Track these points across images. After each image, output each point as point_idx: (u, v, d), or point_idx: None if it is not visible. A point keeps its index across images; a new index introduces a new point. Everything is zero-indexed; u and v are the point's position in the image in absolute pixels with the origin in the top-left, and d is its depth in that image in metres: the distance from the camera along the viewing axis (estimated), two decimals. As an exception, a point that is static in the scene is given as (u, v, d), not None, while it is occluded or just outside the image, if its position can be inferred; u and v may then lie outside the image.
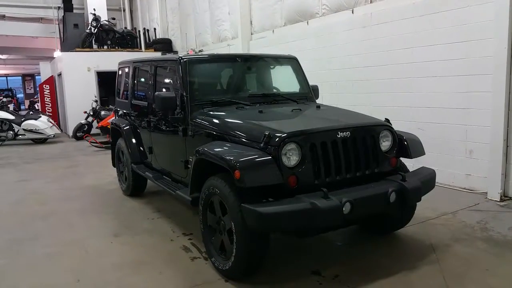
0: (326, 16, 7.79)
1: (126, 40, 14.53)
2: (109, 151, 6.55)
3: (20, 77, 34.57)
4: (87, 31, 13.81)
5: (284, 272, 3.40)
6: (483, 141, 5.23)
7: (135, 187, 5.70)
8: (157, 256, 3.80)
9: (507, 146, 4.99)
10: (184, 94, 4.11)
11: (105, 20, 14.21)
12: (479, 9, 5.12)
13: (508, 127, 4.95)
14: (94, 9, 13.92)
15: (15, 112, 14.16)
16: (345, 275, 3.31)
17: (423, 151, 3.80)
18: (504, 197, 5.03)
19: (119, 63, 6.21)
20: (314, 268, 3.43)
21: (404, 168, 3.78)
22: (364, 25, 6.75)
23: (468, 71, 5.33)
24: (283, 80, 5.00)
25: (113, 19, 14.97)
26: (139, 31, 16.26)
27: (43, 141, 12.11)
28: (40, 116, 12.27)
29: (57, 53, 14.75)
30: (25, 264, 3.78)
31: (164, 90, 4.70)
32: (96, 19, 13.61)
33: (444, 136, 5.72)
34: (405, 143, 3.65)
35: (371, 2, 6.83)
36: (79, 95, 12.61)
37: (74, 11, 15.97)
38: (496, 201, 4.98)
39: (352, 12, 7.13)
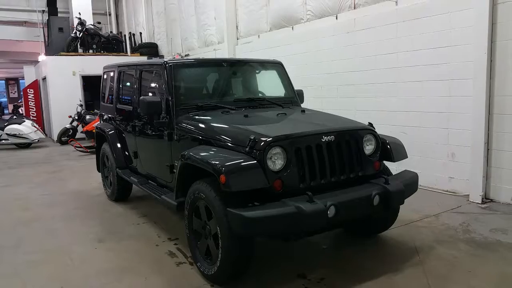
0: (310, 21, 7.86)
1: (111, 44, 14.43)
2: (94, 156, 6.49)
3: (3, 81, 34.00)
4: (72, 35, 13.67)
5: (270, 276, 3.41)
6: (464, 144, 5.34)
7: (120, 192, 5.65)
8: (143, 262, 3.78)
9: (488, 149, 5.10)
10: (170, 98, 4.10)
11: (91, 24, 14.10)
12: (460, 15, 5.24)
13: (488, 130, 5.06)
14: (79, 13, 13.80)
15: (-2, 116, 13.92)
16: (330, 278, 3.33)
17: (405, 154, 3.86)
18: (485, 199, 5.13)
19: (104, 67, 6.17)
20: (299, 272, 3.44)
21: (387, 171, 3.84)
22: (348, 30, 6.84)
23: (450, 75, 5.44)
24: (268, 84, 5.03)
25: (99, 23, 14.87)
26: (125, 35, 16.18)
27: (27, 145, 11.92)
28: (24, 121, 12.08)
29: (42, 57, 14.57)
30: (6, 272, 3.71)
31: (149, 94, 4.69)
32: (82, 23, 13.49)
33: (427, 140, 5.81)
34: (388, 146, 3.71)
35: (354, 8, 6.92)
36: (64, 99, 12.45)
37: (59, 15, 15.83)
38: (478, 203, 5.08)
39: (336, 18, 7.22)
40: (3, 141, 11.65)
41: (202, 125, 3.80)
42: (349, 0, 7.01)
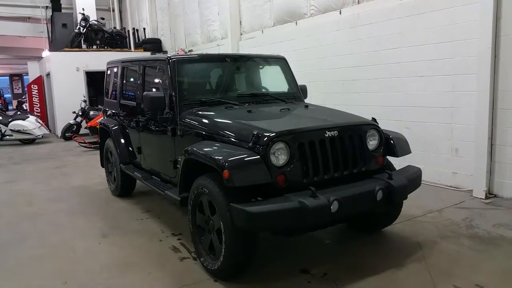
0: (314, 16, 7.83)
1: (115, 40, 14.44)
2: (98, 152, 6.51)
3: (7, 77, 34.09)
4: (76, 30, 13.70)
5: (273, 271, 3.42)
6: (468, 140, 5.32)
7: (123, 188, 5.67)
8: (146, 257, 3.80)
9: (492, 145, 5.08)
10: (173, 94, 4.11)
11: (94, 20, 14.11)
12: (465, 10, 5.20)
13: (492, 125, 5.04)
14: (83, 8, 13.83)
15: (2, 112, 13.98)
16: (333, 273, 3.34)
17: (409, 149, 3.85)
18: (489, 194, 5.12)
19: (108, 63, 6.18)
20: (302, 267, 3.45)
21: (390, 166, 3.82)
22: (352, 25, 6.80)
23: (454, 71, 5.41)
24: (272, 80, 5.02)
25: (102, 19, 14.86)
26: (128, 31, 16.18)
27: (31, 141, 11.98)
28: (28, 116, 12.13)
29: (46, 53, 14.60)
30: (11, 266, 3.74)
31: (153, 90, 4.69)
32: (85, 18, 13.50)
33: (430, 135, 5.79)
34: (392, 142, 3.70)
35: (358, 3, 6.89)
36: (68, 95, 12.50)
37: (63, 10, 15.84)
38: (481, 198, 5.07)
39: (340, 13, 7.19)
40: (7, 136, 11.71)
41: (205, 121, 3.81)
42: (352, -6, 6.98)
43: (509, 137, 4.93)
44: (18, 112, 14.50)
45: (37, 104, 15.24)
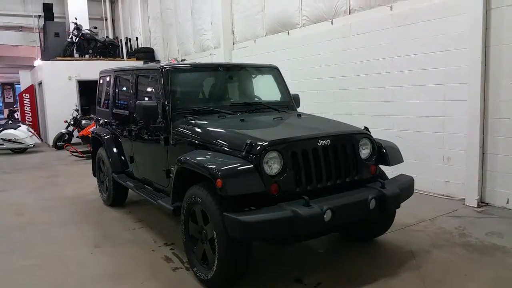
0: (306, 26, 7.90)
1: (108, 49, 14.45)
2: (90, 161, 6.47)
3: (-2, 86, 33.88)
4: (69, 40, 13.68)
5: (266, 281, 3.40)
6: (460, 149, 5.36)
7: (116, 197, 5.63)
8: (138, 267, 3.76)
9: (483, 153, 5.12)
10: (166, 103, 4.10)
11: (87, 29, 14.12)
12: (455, 20, 5.28)
13: (483, 134, 5.09)
14: (75, 18, 13.82)
15: (-7, 121, 13.85)
16: (327, 283, 3.33)
17: (401, 158, 3.87)
18: (481, 203, 5.15)
19: (100, 72, 6.17)
20: (296, 276, 3.44)
21: (383, 175, 3.84)
22: (344, 35, 6.87)
23: (445, 80, 5.47)
24: (264, 89, 5.04)
25: (95, 28, 14.87)
26: (121, 40, 16.19)
27: (22, 150, 11.86)
28: (20, 126, 12.03)
29: (38, 62, 14.57)
30: (1, 277, 3.68)
31: (145, 99, 4.69)
32: (78, 28, 13.51)
33: (422, 144, 5.84)
34: (384, 150, 3.72)
35: (349, 13, 6.96)
36: (60, 104, 12.42)
37: (55, 19, 15.81)
38: (474, 207, 5.10)
39: (332, 23, 7.26)
40: (-2, 146, 11.59)
41: (198, 130, 3.81)
42: (344, 5, 7.05)
43: (501, 146, 4.99)
44: (10, 121, 14.37)
45: (28, 113, 15.13)
